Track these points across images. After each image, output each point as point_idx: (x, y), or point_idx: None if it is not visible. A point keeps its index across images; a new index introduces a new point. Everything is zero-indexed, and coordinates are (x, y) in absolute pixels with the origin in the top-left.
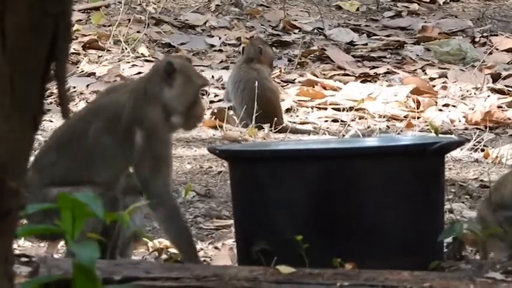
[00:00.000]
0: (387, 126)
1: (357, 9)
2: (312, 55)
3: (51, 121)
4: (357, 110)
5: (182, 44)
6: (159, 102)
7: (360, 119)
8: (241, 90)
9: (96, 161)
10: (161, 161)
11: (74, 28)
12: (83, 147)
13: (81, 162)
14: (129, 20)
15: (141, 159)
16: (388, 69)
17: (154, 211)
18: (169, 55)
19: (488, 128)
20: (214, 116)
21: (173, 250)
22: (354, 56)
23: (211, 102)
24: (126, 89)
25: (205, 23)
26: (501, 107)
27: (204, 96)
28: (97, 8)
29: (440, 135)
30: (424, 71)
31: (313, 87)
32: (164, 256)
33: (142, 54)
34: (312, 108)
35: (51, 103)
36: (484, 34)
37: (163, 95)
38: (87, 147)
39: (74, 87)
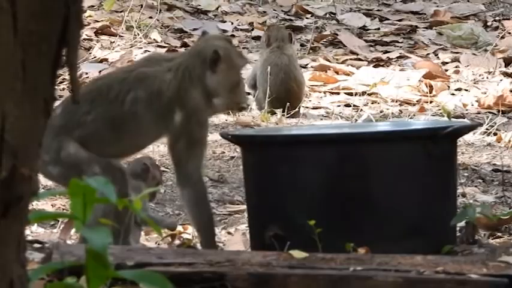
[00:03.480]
0: (400, 110)
1: None
2: (325, 40)
3: None
4: (369, 94)
5: (194, 29)
6: (202, 85)
7: (372, 103)
8: (273, 74)
9: (125, 128)
10: (197, 142)
11: (86, 14)
12: (115, 110)
13: (109, 124)
14: (141, 5)
15: (178, 138)
16: (400, 53)
17: (181, 190)
18: (208, 37)
19: (500, 112)
20: None
21: (186, 236)
22: (366, 41)
23: None
24: (169, 64)
25: (217, 8)
26: None
27: None
28: None
29: (452, 119)
30: (436, 55)
31: (326, 72)
32: (177, 242)
33: (154, 39)
34: (324, 93)
35: (63, 89)
36: (496, 18)
37: (206, 79)
38: (119, 111)
39: (87, 73)
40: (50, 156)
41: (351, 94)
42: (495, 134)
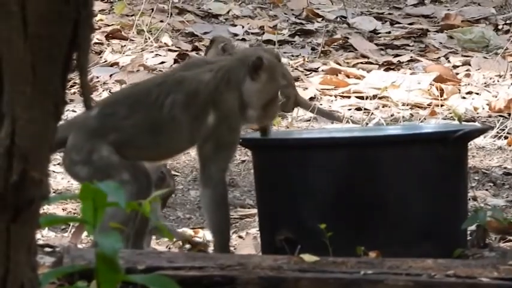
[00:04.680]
0: (411, 114)
1: None
2: (335, 43)
3: (74, 111)
4: (380, 98)
5: (205, 33)
6: (239, 91)
7: (383, 107)
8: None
9: (163, 132)
10: (225, 146)
11: (97, 18)
12: (154, 115)
13: (148, 129)
14: (152, 9)
15: (207, 140)
16: (411, 57)
17: (202, 191)
18: (257, 48)
19: (511, 116)
20: None
21: (197, 239)
22: (377, 44)
23: None
24: (209, 66)
25: (228, 12)
26: None
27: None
28: None
29: (463, 122)
30: (447, 58)
31: (337, 75)
32: (188, 246)
33: (165, 43)
34: (335, 96)
35: (74, 93)
36: (507, 21)
37: (244, 86)
38: (158, 116)
39: (98, 77)
40: (81, 156)
41: (361, 98)
42: (506, 138)
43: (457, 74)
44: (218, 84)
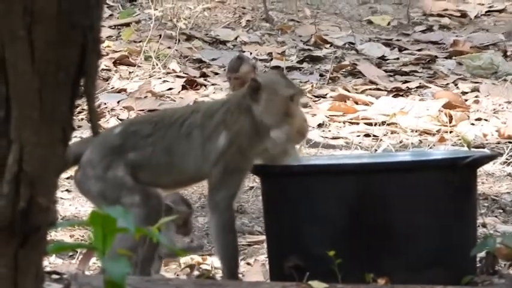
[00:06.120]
0: (419, 140)
1: (388, 24)
2: (344, 70)
3: (82, 137)
4: (389, 124)
5: (213, 59)
6: (252, 117)
7: (392, 133)
8: None
9: (177, 153)
10: (234, 172)
11: (105, 44)
12: (173, 133)
13: (165, 148)
14: (160, 35)
15: (216, 162)
16: (420, 83)
17: (209, 216)
18: (259, 72)
19: None
20: None
21: (205, 266)
22: (385, 71)
23: None
24: (227, 97)
25: (236, 38)
26: None
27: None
28: (127, 24)
29: (472, 149)
30: (456, 85)
31: (345, 102)
32: (196, 272)
33: (173, 70)
34: (344, 123)
35: (82, 119)
36: None
37: (253, 111)
38: (176, 134)
39: (105, 104)
40: (95, 172)
41: (370, 124)
42: None
43: (466, 100)
44: (230, 108)
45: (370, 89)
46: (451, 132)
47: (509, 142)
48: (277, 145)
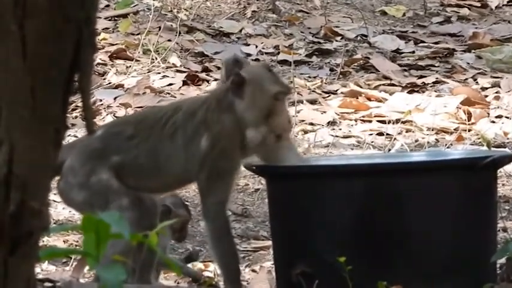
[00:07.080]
0: (436, 139)
1: (403, 15)
2: (356, 64)
3: (76, 136)
4: (403, 122)
5: (216, 53)
6: (234, 113)
7: (407, 132)
8: None
9: (161, 154)
10: (220, 174)
11: (100, 37)
12: (157, 133)
13: (148, 149)
14: (160, 27)
15: (202, 167)
16: (436, 78)
17: (204, 223)
18: (246, 65)
19: None
20: None
21: (207, 274)
22: (400, 65)
23: None
24: (209, 92)
25: (240, 31)
26: None
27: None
28: (125, 16)
29: (492, 148)
30: (475, 80)
31: (357, 98)
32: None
33: (173, 64)
34: (355, 120)
35: (76, 117)
36: None
37: (235, 107)
38: (160, 134)
39: (101, 100)
40: (77, 179)
41: (383, 122)
42: None
43: (486, 96)
44: (210, 105)
45: (383, 85)
46: (469, 130)
47: None
48: (253, 145)
